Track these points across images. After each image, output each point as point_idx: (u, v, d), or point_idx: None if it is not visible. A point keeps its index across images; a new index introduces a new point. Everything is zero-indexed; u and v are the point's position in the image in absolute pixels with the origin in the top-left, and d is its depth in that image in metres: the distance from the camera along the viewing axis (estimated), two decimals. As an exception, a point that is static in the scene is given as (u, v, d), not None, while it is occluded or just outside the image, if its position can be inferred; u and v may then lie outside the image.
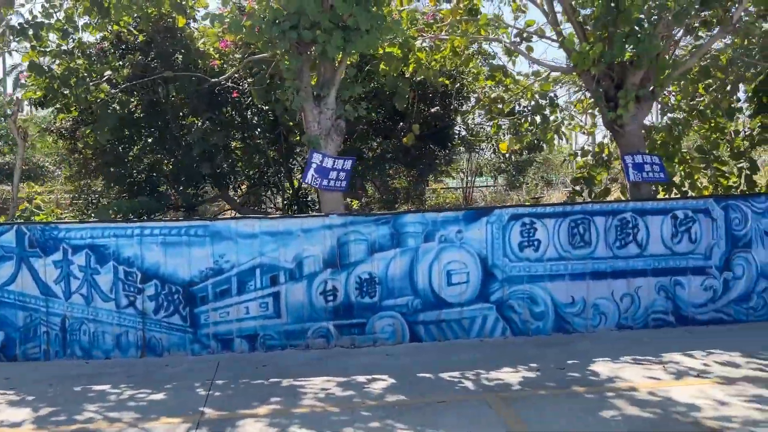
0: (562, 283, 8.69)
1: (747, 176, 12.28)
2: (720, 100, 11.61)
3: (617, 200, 10.03)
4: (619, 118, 9.29)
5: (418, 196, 15.28)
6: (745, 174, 12.29)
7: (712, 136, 11.83)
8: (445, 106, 12.78)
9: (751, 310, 9.04)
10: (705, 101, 11.76)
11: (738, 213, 8.99)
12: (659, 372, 6.93)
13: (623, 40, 8.80)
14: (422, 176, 14.42)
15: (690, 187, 11.92)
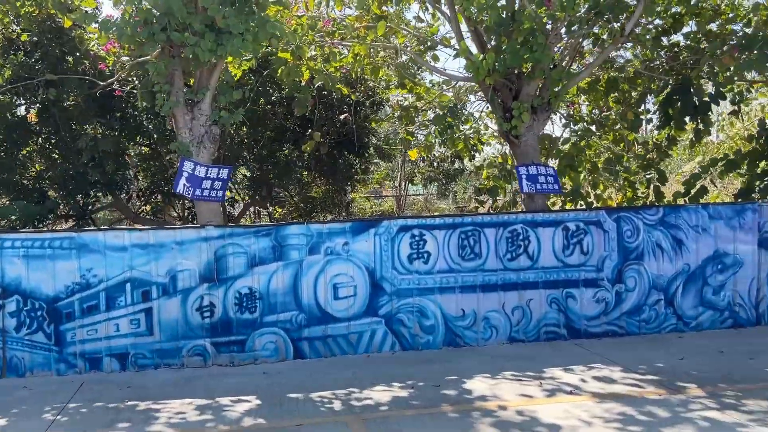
0: (453, 296, 8.51)
1: (655, 187, 12.44)
2: (625, 112, 11.70)
3: (508, 212, 9.94)
4: (514, 129, 9.20)
5: (338, 204, 14.98)
6: (654, 185, 12.46)
7: (616, 147, 11.90)
8: (356, 114, 12.52)
9: (643, 323, 9.04)
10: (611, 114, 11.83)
11: (630, 225, 8.98)
12: (534, 389, 6.78)
13: (517, 49, 8.71)
14: (339, 185, 14.13)
15: (596, 198, 11.97)
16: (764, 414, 5.88)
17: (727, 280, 9.20)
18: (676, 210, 9.13)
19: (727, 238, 9.18)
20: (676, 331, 9.09)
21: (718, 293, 9.19)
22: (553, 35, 8.87)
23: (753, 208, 9.25)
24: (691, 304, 9.13)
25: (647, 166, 12.57)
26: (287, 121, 12.52)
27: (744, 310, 9.26)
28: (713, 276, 9.17)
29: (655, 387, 6.73)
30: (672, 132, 12.33)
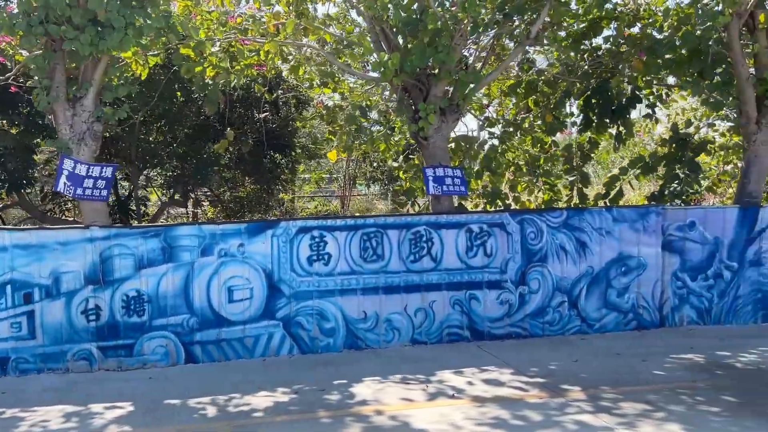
0: (354, 298, 8.41)
1: (579, 189, 12.56)
2: (543, 115, 11.77)
3: (410, 213, 9.89)
4: (422, 131, 9.14)
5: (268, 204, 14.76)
6: (577, 187, 12.57)
7: (533, 150, 11.97)
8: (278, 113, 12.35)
9: (546, 325, 9.07)
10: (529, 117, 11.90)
11: (534, 227, 9.00)
12: (419, 393, 6.71)
13: (422, 50, 8.65)
14: (265, 184, 13.92)
15: (514, 200, 12.01)
16: (635, 417, 5.92)
17: (631, 283, 9.30)
18: (580, 212, 9.19)
19: (631, 240, 9.27)
20: (580, 333, 9.15)
21: (622, 295, 9.28)
22: (458, 36, 8.82)
23: (657, 211, 9.37)
24: (595, 306, 9.21)
25: (570, 169, 12.69)
26: (207, 118, 12.27)
27: (648, 312, 9.37)
28: (617, 278, 9.26)
29: (539, 390, 6.74)
30: (594, 135, 12.49)
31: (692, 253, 9.47)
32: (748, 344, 8.44)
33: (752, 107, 9.19)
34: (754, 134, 9.33)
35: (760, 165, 9.44)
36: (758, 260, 9.55)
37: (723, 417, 5.87)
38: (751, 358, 7.81)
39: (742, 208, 9.55)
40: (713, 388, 6.68)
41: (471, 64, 9.87)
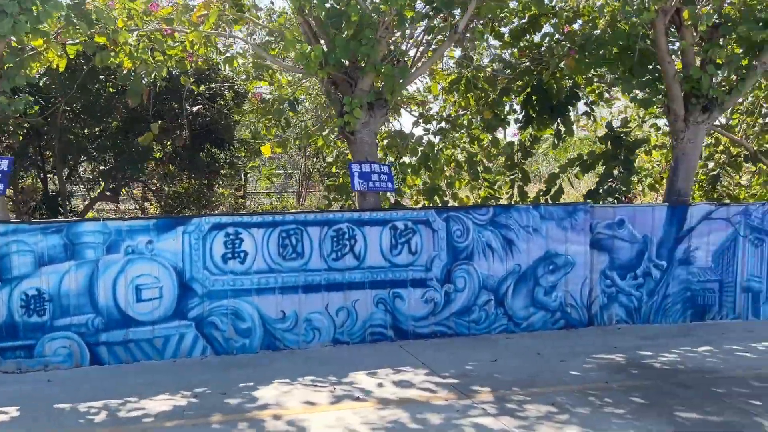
0: (272, 297, 8.15)
1: (519, 187, 12.47)
2: (481, 111, 11.64)
3: (332, 210, 9.67)
4: (348, 125, 8.91)
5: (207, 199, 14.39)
6: (518, 185, 12.47)
7: (471, 147, 11.83)
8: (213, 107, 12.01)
9: (472, 323, 8.93)
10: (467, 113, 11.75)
11: (460, 224, 8.84)
12: (325, 395, 6.49)
13: (346, 43, 8.42)
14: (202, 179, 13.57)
15: (453, 196, 11.87)
16: (536, 420, 5.78)
17: (558, 281, 9.20)
18: (507, 210, 9.05)
19: (558, 238, 9.17)
20: (507, 331, 9.02)
21: (549, 294, 9.18)
22: (383, 29, 8.61)
23: (585, 209, 9.28)
24: (522, 305, 9.09)
25: (512, 166, 12.59)
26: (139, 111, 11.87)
27: (576, 310, 9.28)
28: (545, 276, 9.15)
29: (449, 391, 6.57)
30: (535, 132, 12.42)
31: (621, 252, 9.41)
32: (672, 343, 8.40)
33: (679, 105, 9.15)
34: (681, 132, 9.29)
35: (687, 163, 9.41)
36: (687, 259, 9.53)
37: (625, 419, 5.76)
38: (671, 358, 7.75)
39: (671, 207, 9.51)
40: (625, 389, 6.59)
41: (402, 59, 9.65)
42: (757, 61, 8.82)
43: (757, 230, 9.65)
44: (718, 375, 7.05)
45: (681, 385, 6.70)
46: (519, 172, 12.51)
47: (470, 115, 11.69)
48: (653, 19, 8.30)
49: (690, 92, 9.03)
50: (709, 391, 6.49)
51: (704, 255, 9.56)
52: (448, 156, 12.08)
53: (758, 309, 9.74)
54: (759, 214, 9.65)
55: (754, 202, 10.32)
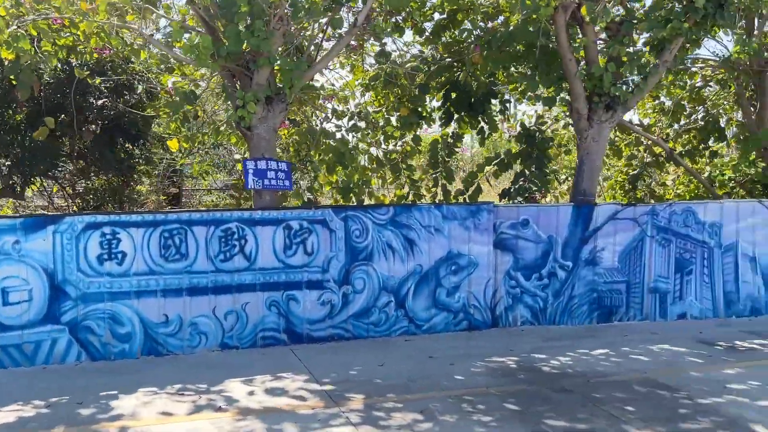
0: (154, 301, 7.77)
1: (443, 185, 12.26)
2: (398, 108, 11.39)
3: (221, 209, 9.32)
4: (243, 120, 8.56)
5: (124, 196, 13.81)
6: (441, 183, 12.27)
7: (386, 144, 11.59)
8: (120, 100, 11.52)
9: (372, 326, 8.67)
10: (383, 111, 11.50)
11: (359, 224, 8.58)
12: (186, 405, 6.15)
13: (237, 34, 8.06)
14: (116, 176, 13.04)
15: (369, 195, 11.59)
16: (398, 429, 5.54)
17: (461, 282, 9.01)
18: (408, 209, 8.82)
19: (461, 238, 8.98)
20: (408, 334, 8.80)
21: (452, 295, 8.98)
22: (276, 20, 8.28)
23: (488, 208, 9.10)
24: (423, 306, 8.87)
25: (435, 164, 12.39)
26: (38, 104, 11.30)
27: (479, 312, 9.11)
28: (447, 277, 8.95)
29: (319, 399, 6.29)
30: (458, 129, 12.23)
31: (526, 252, 9.26)
32: (571, 346, 8.27)
33: (582, 104, 9.02)
34: (585, 131, 9.17)
35: (591, 163, 9.29)
36: (593, 259, 9.42)
37: (488, 427, 5.55)
38: (563, 361, 7.60)
39: (576, 207, 9.39)
40: (502, 395, 6.40)
41: (305, 53, 9.34)
42: (660, 60, 8.73)
43: (664, 230, 9.60)
44: (603, 379, 6.91)
45: (562, 390, 6.53)
46: (443, 170, 12.32)
47: (385, 112, 11.42)
48: (552, 14, 8.13)
49: (593, 90, 8.90)
50: (588, 397, 6.33)
51: (610, 255, 9.47)
52: (366, 153, 11.81)
53: (666, 310, 9.70)
54: (666, 214, 9.59)
55: (662, 202, 10.24)
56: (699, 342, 8.44)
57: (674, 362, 7.55)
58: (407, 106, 11.36)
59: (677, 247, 9.64)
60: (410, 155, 12.31)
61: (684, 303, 9.74)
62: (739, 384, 6.68)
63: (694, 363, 7.51)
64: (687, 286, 9.73)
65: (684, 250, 9.67)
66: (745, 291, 9.92)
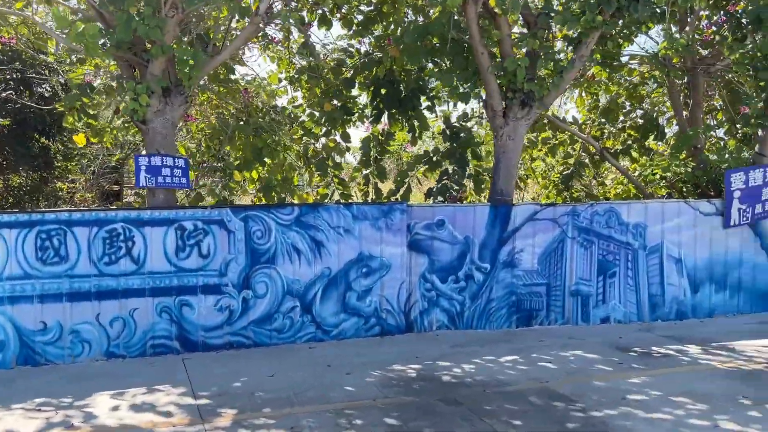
0: (30, 307, 7.23)
1: (374, 184, 11.85)
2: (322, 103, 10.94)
3: (105, 209, 8.80)
4: (136, 113, 8.03)
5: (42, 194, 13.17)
6: (373, 182, 11.85)
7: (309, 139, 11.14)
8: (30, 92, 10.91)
9: (275, 332, 8.21)
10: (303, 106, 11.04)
11: (260, 225, 8.11)
12: (36, 422, 5.65)
13: (126, 21, 7.54)
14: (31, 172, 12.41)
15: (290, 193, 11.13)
16: (258, 448, 5.09)
17: (373, 285, 8.59)
18: (315, 209, 8.37)
19: (373, 239, 8.56)
20: (315, 340, 8.36)
21: (363, 299, 8.56)
22: (169, 8, 7.77)
23: (401, 208, 8.69)
24: (332, 311, 8.43)
25: (367, 162, 11.96)
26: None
27: (393, 316, 8.70)
28: (358, 280, 8.52)
29: (186, 415, 5.82)
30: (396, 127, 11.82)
31: (442, 254, 8.87)
32: (481, 352, 7.90)
33: (496, 100, 8.64)
34: (501, 128, 8.80)
35: (507, 161, 8.92)
36: (512, 261, 9.07)
37: (355, 446, 5.14)
38: (466, 369, 7.22)
39: (493, 207, 9.03)
40: (387, 407, 5.99)
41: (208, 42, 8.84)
42: (576, 55, 8.39)
43: (586, 231, 9.27)
44: (500, 389, 6.54)
45: (452, 402, 6.14)
46: (375, 169, 11.90)
47: (306, 107, 10.95)
48: (460, 5, 7.73)
49: (508, 86, 8.52)
50: (477, 410, 5.94)
51: (530, 257, 9.13)
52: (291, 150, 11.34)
53: (588, 314, 9.38)
54: (587, 214, 9.27)
55: (583, 202, 9.93)
56: (615, 348, 8.12)
57: (581, 370, 7.21)
58: (330, 101, 10.90)
59: (600, 249, 9.33)
60: (339, 153, 11.87)
61: (607, 306, 9.43)
62: (639, 395, 6.35)
63: (602, 371, 7.18)
64: (610, 289, 9.42)
65: (607, 252, 9.36)
66: (670, 294, 9.64)
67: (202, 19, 8.61)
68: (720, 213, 9.82)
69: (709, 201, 9.85)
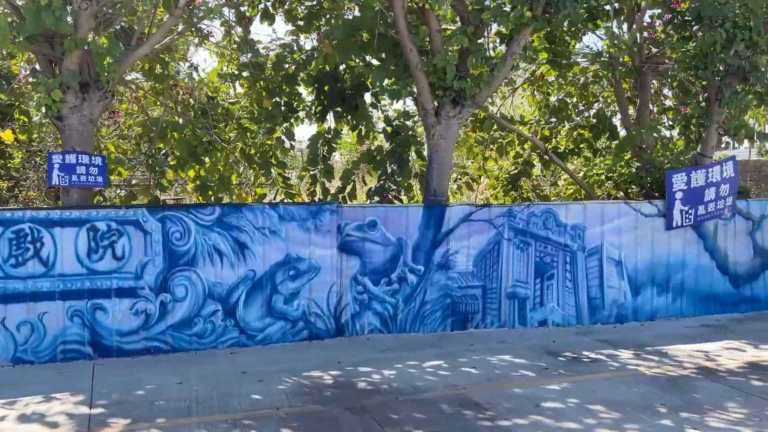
0: (-72, 311, 6.90)
1: (322, 183, 11.58)
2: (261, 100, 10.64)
3: (11, 208, 8.46)
4: (49, 109, 7.71)
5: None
6: (320, 181, 11.58)
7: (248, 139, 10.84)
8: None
9: (195, 337, 7.93)
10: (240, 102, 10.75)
11: (180, 226, 7.82)
12: None
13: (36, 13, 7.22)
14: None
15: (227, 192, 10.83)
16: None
17: (301, 288, 8.33)
18: (238, 209, 8.10)
19: (301, 241, 8.29)
20: (239, 345, 8.08)
21: (290, 302, 8.30)
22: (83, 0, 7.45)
23: (331, 209, 8.44)
24: (256, 315, 8.16)
25: (314, 161, 11.68)
26: None
27: (322, 320, 8.44)
28: (285, 283, 8.25)
29: (74, 426, 5.55)
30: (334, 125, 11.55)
31: (374, 255, 8.62)
32: (407, 357, 7.68)
33: (427, 97, 8.41)
34: (433, 127, 8.56)
35: (440, 161, 8.69)
36: (446, 263, 8.84)
37: (239, 460, 4.88)
38: (386, 375, 6.99)
39: (427, 208, 8.80)
40: (287, 418, 5.75)
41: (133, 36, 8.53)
42: (508, 52, 8.18)
43: (523, 233, 9.07)
44: (414, 396, 6.32)
45: (359, 411, 5.91)
46: (323, 168, 11.63)
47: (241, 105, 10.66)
48: (384, 0, 7.50)
49: (439, 84, 8.28)
50: (382, 418, 5.72)
51: (465, 259, 8.91)
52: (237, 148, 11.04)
53: (525, 316, 9.18)
54: (524, 216, 9.07)
55: (520, 203, 9.73)
56: (545, 353, 7.92)
57: (504, 376, 7.00)
58: (270, 98, 10.61)
59: (537, 251, 9.13)
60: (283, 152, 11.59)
61: (545, 309, 9.24)
62: (555, 402, 6.15)
63: (524, 377, 6.97)
64: (548, 292, 9.23)
65: (544, 254, 9.16)
66: (610, 297, 9.47)
67: (120, 11, 8.28)
68: (662, 214, 9.66)
69: (650, 202, 9.69)
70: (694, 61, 9.30)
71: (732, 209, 10.03)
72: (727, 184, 9.90)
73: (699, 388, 6.54)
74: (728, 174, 9.90)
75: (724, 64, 9.30)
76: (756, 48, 9.10)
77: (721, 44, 9.00)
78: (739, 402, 6.16)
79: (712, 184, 9.77)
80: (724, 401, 6.18)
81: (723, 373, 7.10)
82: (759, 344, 8.37)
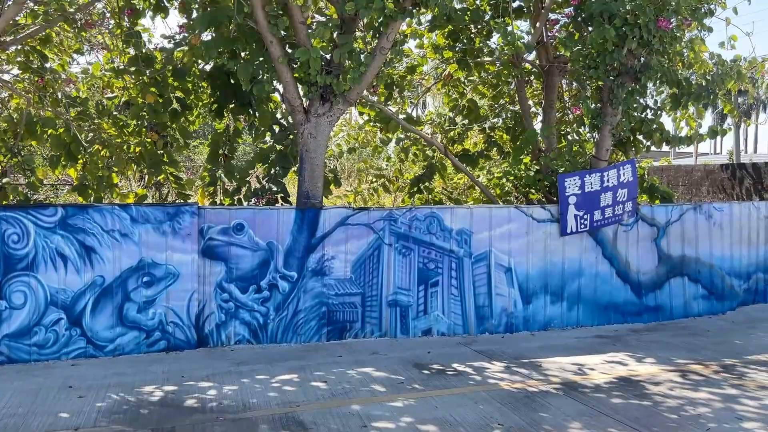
0: None
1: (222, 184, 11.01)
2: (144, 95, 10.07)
3: None
4: None
5: None
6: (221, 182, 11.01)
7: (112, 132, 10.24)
8: None
9: (35, 348, 7.34)
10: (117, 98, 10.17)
11: (18, 227, 7.24)
12: None
13: None
14: None
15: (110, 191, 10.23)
16: None
17: (157, 295, 7.78)
18: (84, 210, 7.54)
19: (157, 245, 7.75)
20: (86, 356, 7.52)
21: (145, 311, 7.74)
22: None
23: (191, 211, 7.90)
24: (106, 324, 7.60)
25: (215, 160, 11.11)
26: None
27: (181, 330, 7.89)
28: (138, 290, 7.70)
29: None
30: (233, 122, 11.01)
31: (241, 261, 8.11)
32: (260, 370, 7.19)
33: (293, 93, 7.92)
34: (302, 125, 8.07)
35: (311, 161, 8.19)
36: (322, 269, 8.35)
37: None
38: (225, 392, 6.47)
39: (299, 210, 8.30)
40: (81, 440, 5.19)
41: None
42: (377, 47, 7.71)
43: (405, 238, 8.61)
44: (238, 415, 5.81)
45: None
46: (224, 167, 11.06)
47: (120, 100, 10.08)
48: (237, -13, 7.00)
49: (305, 79, 7.79)
50: (185, 441, 5.19)
51: (342, 265, 8.42)
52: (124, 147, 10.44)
53: (407, 325, 8.71)
54: (406, 220, 8.62)
55: (401, 206, 9.28)
56: (413, 365, 7.46)
57: (351, 391, 6.51)
58: (153, 92, 10.03)
59: (420, 257, 8.68)
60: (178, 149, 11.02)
61: (429, 318, 8.78)
62: (386, 421, 5.68)
63: (373, 392, 6.49)
64: (432, 300, 8.77)
65: (428, 260, 8.71)
66: (499, 305, 9.04)
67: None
68: (556, 220, 9.28)
69: (543, 207, 9.30)
70: (587, 60, 8.92)
71: (632, 214, 9.67)
72: (626, 188, 9.54)
73: (549, 407, 6.11)
74: (626, 178, 9.54)
75: (619, 63, 8.94)
76: (650, 47, 8.74)
77: (613, 42, 8.64)
78: (584, 422, 5.74)
79: (609, 189, 9.40)
80: (568, 421, 5.75)
81: (587, 389, 6.69)
82: (644, 357, 7.98)
